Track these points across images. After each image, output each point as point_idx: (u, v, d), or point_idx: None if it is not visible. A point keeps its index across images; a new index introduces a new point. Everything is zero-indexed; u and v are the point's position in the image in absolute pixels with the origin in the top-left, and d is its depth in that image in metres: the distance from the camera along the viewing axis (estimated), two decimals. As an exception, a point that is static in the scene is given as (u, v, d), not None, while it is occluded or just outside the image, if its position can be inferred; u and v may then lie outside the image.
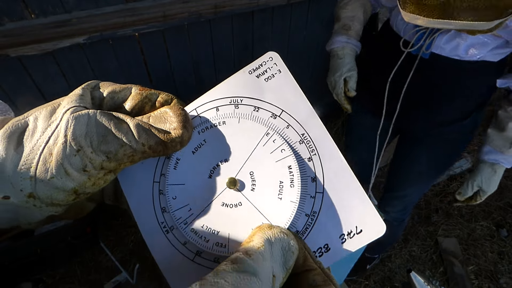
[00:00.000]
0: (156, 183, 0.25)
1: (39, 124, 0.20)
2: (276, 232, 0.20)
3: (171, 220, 0.24)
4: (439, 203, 1.71)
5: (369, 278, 1.45)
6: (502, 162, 0.80)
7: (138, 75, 1.18)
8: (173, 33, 1.13)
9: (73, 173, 0.19)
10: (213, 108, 0.26)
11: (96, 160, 0.20)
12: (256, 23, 1.30)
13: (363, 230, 0.24)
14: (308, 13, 1.42)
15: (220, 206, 0.24)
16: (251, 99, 0.25)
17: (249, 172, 0.24)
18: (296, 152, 0.25)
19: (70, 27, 0.92)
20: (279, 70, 0.26)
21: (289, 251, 0.20)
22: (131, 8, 0.98)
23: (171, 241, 0.24)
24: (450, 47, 0.72)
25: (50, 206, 0.20)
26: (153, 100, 0.24)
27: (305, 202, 0.24)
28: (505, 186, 1.76)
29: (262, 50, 1.42)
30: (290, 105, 0.25)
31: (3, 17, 0.85)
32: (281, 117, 0.25)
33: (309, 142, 0.25)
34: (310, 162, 0.25)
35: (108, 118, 0.20)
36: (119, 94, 0.24)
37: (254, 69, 0.26)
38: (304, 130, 0.25)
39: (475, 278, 1.44)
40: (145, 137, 0.21)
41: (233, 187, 0.24)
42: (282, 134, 0.25)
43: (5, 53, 0.87)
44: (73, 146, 0.19)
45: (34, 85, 1.00)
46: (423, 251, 1.54)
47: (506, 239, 1.56)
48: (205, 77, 1.33)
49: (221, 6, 1.12)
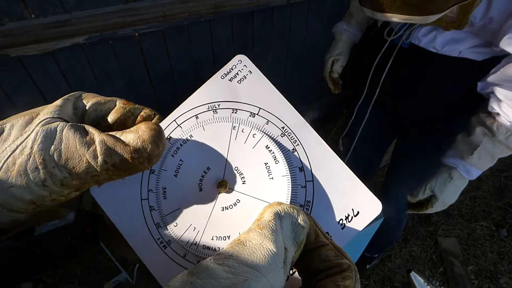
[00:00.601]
0: (144, 201, 0.25)
1: (13, 133, 0.20)
2: (285, 207, 0.20)
3: (167, 235, 0.24)
4: (439, 203, 1.71)
5: (369, 278, 1.45)
6: (459, 168, 0.76)
7: (138, 75, 1.18)
8: (173, 33, 1.13)
9: (32, 186, 0.19)
10: (193, 117, 0.26)
11: (57, 176, 0.19)
12: (256, 23, 1.30)
13: (360, 212, 0.24)
14: (308, 13, 1.42)
15: (221, 212, 0.24)
16: (228, 102, 0.26)
17: (234, 169, 0.25)
18: (266, 133, 0.25)
19: (70, 27, 0.92)
20: (249, 71, 0.27)
21: (299, 226, 0.20)
22: (131, 8, 0.98)
23: (170, 256, 0.24)
24: (427, 39, 0.76)
25: (10, 211, 0.20)
26: (135, 115, 0.24)
27: (296, 174, 0.25)
28: (505, 186, 1.76)
29: (262, 50, 1.43)
30: (266, 102, 0.26)
31: (3, 17, 0.85)
32: (259, 114, 0.26)
33: (290, 134, 0.25)
34: (294, 153, 0.25)
35: (74, 133, 0.20)
36: (103, 106, 0.23)
37: (226, 73, 0.27)
38: (283, 123, 0.26)
39: (475, 278, 1.44)
40: (108, 153, 0.20)
41: (225, 189, 0.24)
42: (248, 123, 0.25)
43: (5, 53, 0.87)
44: (36, 159, 0.19)
45: (34, 85, 1.00)
46: (423, 251, 1.54)
47: (506, 239, 1.56)
48: (205, 77, 1.32)
49: (221, 6, 1.12)
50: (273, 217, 0.19)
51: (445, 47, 0.74)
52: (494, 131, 0.68)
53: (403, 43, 0.81)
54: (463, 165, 0.75)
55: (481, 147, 0.70)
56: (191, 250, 0.24)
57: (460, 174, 0.76)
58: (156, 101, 1.30)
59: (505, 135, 0.67)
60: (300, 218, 0.20)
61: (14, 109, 0.99)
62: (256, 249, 0.17)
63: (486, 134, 0.70)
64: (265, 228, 0.18)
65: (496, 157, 0.71)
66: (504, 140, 0.68)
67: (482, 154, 0.71)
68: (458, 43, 0.72)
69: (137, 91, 1.22)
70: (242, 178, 0.24)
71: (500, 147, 0.69)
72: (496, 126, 0.68)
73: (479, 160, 0.72)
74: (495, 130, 0.68)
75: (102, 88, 1.13)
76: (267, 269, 0.16)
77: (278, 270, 0.17)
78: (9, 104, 0.98)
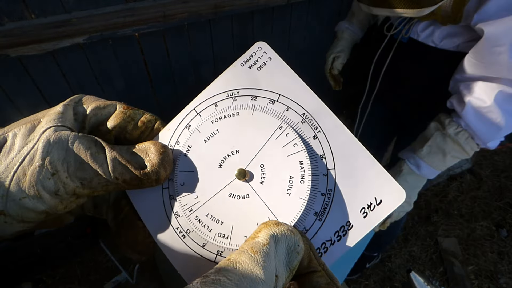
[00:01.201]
0: (165, 189, 0.25)
1: (17, 142, 0.20)
2: (283, 230, 0.20)
3: (186, 223, 0.24)
4: (439, 203, 1.71)
5: (369, 278, 1.45)
6: (408, 161, 0.74)
7: (138, 75, 1.18)
8: (173, 33, 1.13)
9: (45, 196, 0.19)
10: (212, 105, 0.26)
11: (69, 185, 0.20)
12: (256, 23, 1.30)
13: (382, 200, 0.23)
14: (308, 13, 1.42)
15: (228, 197, 0.24)
16: (247, 89, 0.26)
17: (260, 165, 0.24)
18: (303, 138, 0.24)
19: (70, 27, 0.92)
20: (269, 57, 0.26)
21: (294, 251, 0.19)
22: (131, 8, 0.98)
23: (189, 245, 0.24)
24: (426, 34, 0.77)
25: (21, 223, 0.20)
26: (136, 120, 0.24)
27: (314, 200, 0.23)
28: (505, 186, 1.76)
29: (262, 50, 1.43)
30: (286, 88, 0.25)
31: (3, 17, 0.85)
32: (279, 101, 0.25)
33: (311, 120, 0.25)
34: (315, 140, 0.24)
35: (86, 146, 0.20)
36: (103, 111, 0.24)
37: (246, 61, 0.26)
38: (303, 110, 0.25)
39: (475, 278, 1.44)
40: (119, 171, 0.21)
41: (242, 178, 0.23)
42: (295, 128, 0.25)
43: (5, 53, 0.87)
44: (49, 169, 0.19)
45: (34, 85, 0.99)
46: (423, 251, 1.54)
47: (506, 239, 1.56)
48: (205, 77, 1.33)
49: (221, 6, 1.12)
50: (269, 241, 0.19)
51: (443, 41, 0.75)
52: (445, 125, 0.68)
53: (402, 37, 0.82)
54: (413, 158, 0.74)
55: (432, 140, 0.70)
56: (184, 214, 0.24)
57: (409, 167, 0.75)
58: (156, 101, 1.30)
59: (455, 130, 0.67)
60: (296, 243, 0.19)
61: (14, 109, 0.99)
62: (245, 276, 0.16)
63: (438, 128, 0.70)
64: (258, 252, 0.18)
65: (447, 155, 0.70)
66: (453, 135, 0.67)
67: (433, 148, 0.70)
68: (455, 37, 0.73)
69: (137, 91, 1.22)
70: (262, 178, 0.24)
71: (450, 143, 0.68)
72: (448, 120, 0.68)
73: (429, 154, 0.71)
74: (446, 124, 0.68)
75: (102, 88, 1.13)
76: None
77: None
78: (9, 104, 0.98)
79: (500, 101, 0.62)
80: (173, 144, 0.25)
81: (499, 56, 0.58)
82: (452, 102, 0.69)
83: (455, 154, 0.69)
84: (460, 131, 0.67)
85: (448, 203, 1.71)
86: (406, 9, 0.64)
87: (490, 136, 0.65)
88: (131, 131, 0.24)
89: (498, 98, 0.61)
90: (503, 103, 0.62)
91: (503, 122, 0.63)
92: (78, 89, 1.07)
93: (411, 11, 0.64)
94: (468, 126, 0.66)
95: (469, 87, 0.66)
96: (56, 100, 0.92)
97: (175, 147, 0.25)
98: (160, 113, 1.00)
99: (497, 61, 0.59)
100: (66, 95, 0.22)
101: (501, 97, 0.62)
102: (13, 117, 1.10)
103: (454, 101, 0.69)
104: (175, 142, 0.25)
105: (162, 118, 0.26)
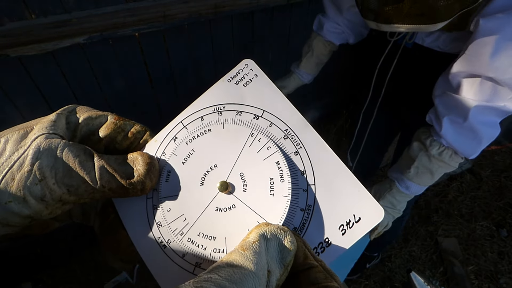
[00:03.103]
0: (149, 199, 0.25)
1: (8, 147, 0.20)
2: (272, 229, 0.20)
3: (167, 233, 0.24)
4: (439, 203, 1.71)
5: (369, 278, 1.45)
6: (398, 183, 0.74)
7: (138, 75, 1.18)
8: (173, 33, 1.13)
9: (31, 201, 0.20)
10: (198, 118, 0.27)
11: (56, 192, 0.20)
12: (256, 23, 1.30)
13: (361, 218, 0.24)
14: (308, 13, 1.42)
15: (215, 212, 0.24)
16: (233, 104, 0.27)
17: (239, 174, 0.24)
18: (282, 149, 0.25)
19: (70, 27, 0.92)
20: (255, 74, 0.27)
21: (286, 248, 0.20)
22: (131, 8, 0.98)
23: (169, 256, 0.24)
24: (431, 39, 0.76)
25: (5, 226, 0.20)
26: (126, 131, 0.25)
27: (298, 196, 0.24)
28: (505, 186, 1.76)
29: (262, 50, 1.43)
30: (270, 105, 0.26)
31: (3, 17, 0.85)
32: (263, 117, 0.26)
33: (293, 136, 0.25)
34: (297, 156, 0.25)
35: (75, 154, 0.21)
36: (95, 121, 0.24)
37: (232, 77, 0.27)
38: (286, 126, 0.26)
39: (475, 278, 1.44)
40: (106, 179, 0.22)
41: (225, 191, 0.24)
42: (266, 133, 0.26)
43: (5, 53, 0.87)
44: (37, 175, 0.20)
45: (34, 85, 0.99)
46: (423, 251, 1.54)
47: (506, 239, 1.56)
48: (205, 77, 1.33)
49: (221, 6, 1.12)
50: (258, 239, 0.19)
51: (449, 46, 0.74)
52: (427, 146, 0.68)
53: (406, 43, 0.81)
54: (402, 180, 0.74)
55: (418, 161, 0.70)
56: (176, 239, 0.24)
57: (399, 188, 0.74)
58: (156, 101, 1.30)
59: (438, 150, 0.67)
60: (287, 240, 0.20)
61: (14, 109, 0.99)
62: (235, 271, 0.17)
63: (422, 149, 0.69)
64: (248, 249, 0.18)
65: (435, 173, 0.70)
66: (437, 155, 0.67)
67: (420, 169, 0.70)
68: (461, 41, 0.71)
69: (137, 91, 1.22)
70: (244, 186, 0.24)
71: (436, 162, 0.68)
72: (429, 141, 0.68)
73: (417, 175, 0.71)
74: (428, 145, 0.68)
75: (102, 88, 1.13)
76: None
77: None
78: (9, 104, 0.98)
79: (475, 114, 0.61)
80: (160, 155, 0.26)
81: (484, 47, 0.57)
82: (431, 118, 0.69)
83: (443, 170, 0.70)
84: (443, 150, 0.67)
85: (448, 203, 1.71)
86: (420, 25, 0.61)
87: (473, 150, 0.65)
88: (121, 141, 0.25)
89: (473, 113, 0.61)
90: (478, 115, 0.61)
91: (483, 135, 0.63)
92: (78, 89, 1.07)
93: (425, 27, 0.61)
94: (449, 144, 0.66)
95: (445, 102, 0.65)
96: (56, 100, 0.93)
97: (161, 157, 0.26)
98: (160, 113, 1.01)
99: (481, 53, 0.58)
100: (66, 95, 0.22)
101: (476, 111, 0.61)
102: (13, 117, 1.10)
103: (432, 117, 0.68)
104: (161, 153, 0.26)
105: (162, 118, 0.26)
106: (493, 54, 0.55)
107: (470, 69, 0.60)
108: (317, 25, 0.96)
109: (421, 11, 0.59)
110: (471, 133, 0.63)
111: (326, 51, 0.97)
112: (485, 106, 0.60)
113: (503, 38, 0.54)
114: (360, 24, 0.90)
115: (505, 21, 0.54)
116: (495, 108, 0.60)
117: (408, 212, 1.18)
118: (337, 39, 0.94)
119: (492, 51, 0.55)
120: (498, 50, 0.55)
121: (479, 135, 0.63)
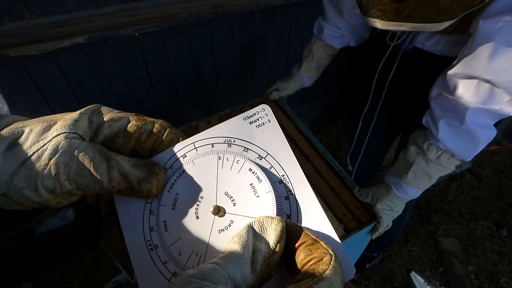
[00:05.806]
0: (148, 204, 0.27)
1: (30, 137, 0.22)
2: (260, 219, 0.23)
3: (157, 239, 0.26)
4: (439, 203, 1.71)
5: (369, 278, 1.45)
6: (395, 188, 0.73)
7: (138, 75, 1.18)
8: (173, 33, 1.13)
9: (42, 191, 0.22)
10: (209, 145, 0.29)
11: (66, 187, 0.22)
12: (256, 23, 1.30)
13: None
14: (308, 13, 1.42)
15: (219, 234, 0.26)
16: (242, 140, 0.29)
17: (224, 193, 0.27)
18: (250, 159, 0.28)
19: (70, 27, 0.92)
20: (268, 120, 0.30)
21: (272, 232, 0.22)
22: (131, 8, 0.98)
23: (153, 259, 0.26)
24: (431, 42, 0.75)
25: (19, 205, 0.23)
26: (148, 130, 0.26)
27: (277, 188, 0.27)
28: (505, 186, 1.76)
29: (262, 50, 1.43)
30: (275, 150, 0.29)
31: (3, 17, 0.85)
32: (266, 159, 0.29)
33: (288, 183, 0.28)
34: (286, 200, 0.27)
35: (91, 155, 0.23)
36: (117, 123, 0.25)
37: (248, 117, 0.30)
38: (284, 172, 0.28)
39: (475, 278, 1.44)
40: (117, 181, 0.23)
41: (219, 213, 0.26)
42: (233, 152, 0.28)
43: (5, 53, 0.87)
44: (51, 170, 0.21)
45: (34, 85, 1.00)
46: (423, 251, 1.54)
47: (506, 239, 1.56)
48: (205, 77, 1.33)
49: (221, 6, 1.12)
50: (246, 227, 0.22)
51: (449, 50, 0.73)
52: (425, 150, 0.67)
53: (406, 47, 0.80)
54: (399, 185, 0.73)
55: (415, 166, 0.69)
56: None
57: (396, 194, 0.74)
58: (156, 101, 1.30)
59: (435, 154, 0.66)
60: (273, 224, 0.22)
61: (14, 109, 0.99)
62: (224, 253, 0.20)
63: (419, 153, 0.68)
64: (235, 236, 0.22)
65: (433, 177, 0.69)
66: (435, 159, 0.66)
67: (418, 174, 0.70)
68: (461, 44, 0.70)
69: (137, 91, 1.22)
70: (233, 201, 0.27)
71: (434, 166, 0.68)
72: (426, 145, 0.67)
73: (415, 179, 0.70)
74: (425, 149, 0.67)
75: (102, 88, 1.13)
76: (227, 263, 0.19)
77: (240, 266, 0.19)
78: (9, 104, 0.98)
79: (471, 116, 0.61)
80: (168, 167, 0.28)
81: (483, 49, 0.56)
82: (427, 120, 0.68)
83: (440, 173, 0.69)
84: (441, 154, 0.66)
85: (448, 203, 1.71)
86: (424, 24, 0.60)
87: (470, 153, 0.65)
88: (145, 141, 0.27)
89: (470, 116, 0.61)
90: (474, 118, 0.61)
91: (480, 138, 0.62)
92: (78, 89, 1.07)
93: (430, 26, 0.60)
94: (447, 147, 0.65)
95: (441, 104, 0.65)
96: (56, 100, 0.93)
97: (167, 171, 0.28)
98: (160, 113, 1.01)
99: (479, 55, 0.57)
100: (66, 95, 0.23)
101: (472, 114, 0.61)
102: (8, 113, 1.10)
103: (429, 119, 0.68)
104: (170, 166, 0.28)
105: (161, 117, 0.27)
106: (491, 56, 0.55)
107: (468, 71, 0.60)
108: (317, 29, 0.96)
109: (426, 9, 0.58)
110: (468, 136, 0.63)
111: (326, 55, 0.96)
112: (481, 109, 0.60)
113: (502, 41, 0.54)
114: (361, 27, 0.89)
115: (504, 23, 0.54)
116: (490, 110, 0.60)
117: (409, 213, 1.18)
118: (337, 43, 0.93)
119: (490, 53, 0.55)
120: (496, 53, 0.55)
121: (476, 138, 0.63)
